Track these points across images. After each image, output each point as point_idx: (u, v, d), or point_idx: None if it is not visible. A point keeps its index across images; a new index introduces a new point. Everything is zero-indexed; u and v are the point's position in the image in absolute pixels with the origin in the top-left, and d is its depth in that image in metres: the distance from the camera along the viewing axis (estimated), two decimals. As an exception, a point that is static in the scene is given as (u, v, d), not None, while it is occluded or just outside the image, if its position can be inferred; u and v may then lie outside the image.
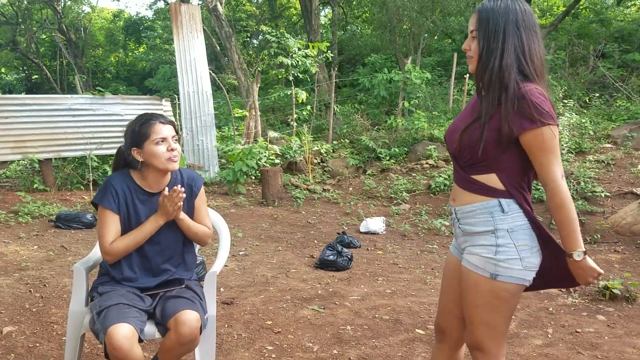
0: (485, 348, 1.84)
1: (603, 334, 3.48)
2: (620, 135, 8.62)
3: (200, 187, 2.40)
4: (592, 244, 5.99)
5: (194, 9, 8.93)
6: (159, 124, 2.19)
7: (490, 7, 1.73)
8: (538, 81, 1.72)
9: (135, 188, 2.26)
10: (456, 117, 1.96)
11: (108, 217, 2.21)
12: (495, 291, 1.77)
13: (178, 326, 2.03)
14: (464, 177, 1.85)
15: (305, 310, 3.73)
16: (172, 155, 2.19)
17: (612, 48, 12.76)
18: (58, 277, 4.13)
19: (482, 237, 1.79)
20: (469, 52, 1.81)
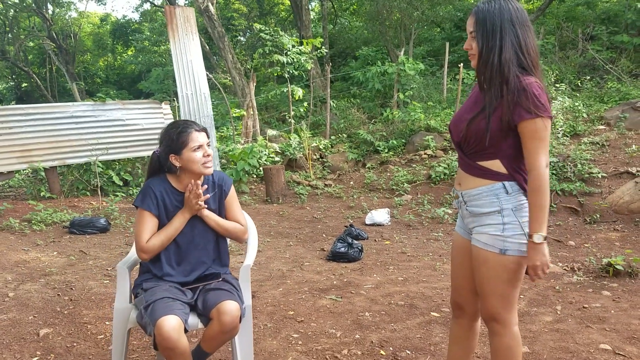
0: (500, 318, 2.03)
1: (609, 308, 3.66)
2: (613, 116, 8.81)
3: (230, 187, 2.55)
4: (591, 224, 6.18)
5: (189, 12, 9.02)
6: (194, 132, 2.35)
7: (486, 9, 1.91)
8: (534, 72, 1.90)
9: (172, 191, 2.42)
10: (460, 108, 2.15)
11: (146, 218, 2.37)
12: (505, 264, 1.96)
13: (220, 316, 2.18)
14: (469, 164, 2.03)
15: (324, 300, 3.89)
16: (207, 160, 2.36)
17: (600, 30, 12.93)
18: (83, 281, 4.27)
19: (489, 217, 1.98)
20: (470, 51, 1.99)
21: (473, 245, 2.05)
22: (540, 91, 1.85)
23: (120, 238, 5.91)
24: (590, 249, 5.27)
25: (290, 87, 10.88)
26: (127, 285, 2.40)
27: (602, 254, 4.95)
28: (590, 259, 4.76)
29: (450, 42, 13.67)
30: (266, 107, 15.36)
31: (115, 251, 5.31)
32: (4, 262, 4.75)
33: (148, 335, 2.22)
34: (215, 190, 2.50)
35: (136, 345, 3.08)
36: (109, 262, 4.87)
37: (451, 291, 2.30)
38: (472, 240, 2.07)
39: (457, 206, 2.16)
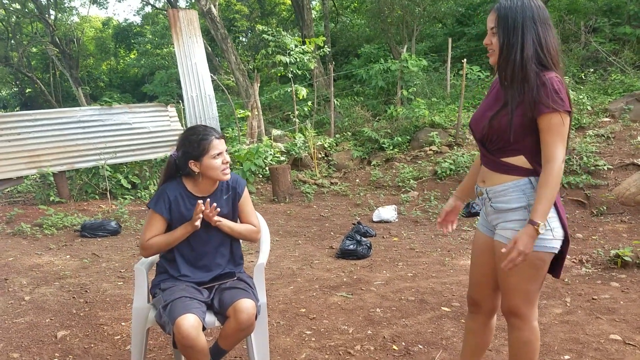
0: (521, 313, 2.04)
1: (618, 299, 3.69)
2: (617, 108, 8.81)
3: (243, 189, 2.59)
4: (598, 216, 6.20)
5: (192, 15, 9.08)
6: (215, 139, 2.40)
7: (508, 6, 1.92)
8: (556, 69, 1.91)
9: (188, 194, 2.46)
10: (480, 106, 2.16)
11: (156, 219, 2.43)
12: (530, 260, 1.95)
13: (237, 314, 2.23)
14: (493, 160, 2.04)
15: (335, 297, 3.94)
16: (225, 167, 2.43)
17: (602, 22, 12.92)
18: (97, 283, 4.33)
19: (515, 212, 1.98)
20: (490, 47, 1.99)
21: (496, 240, 2.05)
22: (561, 86, 1.86)
23: (131, 240, 5.97)
24: (598, 241, 5.30)
25: (294, 86, 10.93)
26: (145, 285, 2.45)
27: (610, 246, 4.97)
28: (598, 251, 4.78)
29: (453, 37, 13.65)
30: (270, 107, 15.42)
31: (127, 253, 5.37)
32: (18, 267, 4.82)
33: (167, 334, 2.27)
34: (229, 193, 2.55)
35: (152, 344, 3.14)
36: (122, 264, 4.93)
37: (469, 287, 2.31)
38: (495, 236, 2.07)
39: (481, 203, 2.16)
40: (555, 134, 1.86)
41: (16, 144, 7.65)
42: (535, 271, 1.98)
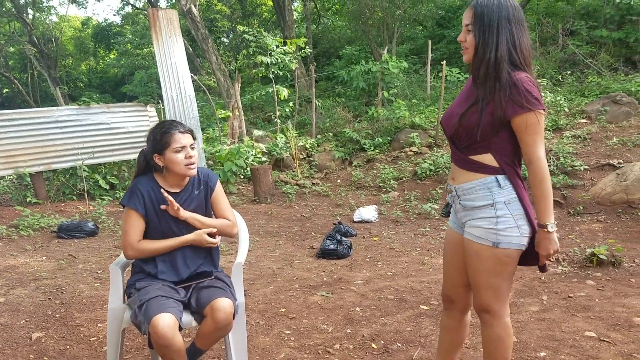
0: (492, 309, 2.07)
1: (594, 297, 3.75)
2: (594, 110, 8.96)
3: (215, 183, 2.57)
4: (575, 215, 6.29)
5: (172, 14, 9.00)
6: (178, 133, 2.37)
7: (485, 4, 1.93)
8: (527, 70, 1.93)
9: (159, 189, 2.44)
10: (452, 103, 2.17)
11: (133, 216, 2.40)
12: (498, 257, 1.99)
13: (214, 312, 2.21)
14: (462, 158, 2.06)
15: (315, 296, 3.93)
16: (189, 162, 2.38)
17: (579, 25, 13.12)
18: (73, 284, 4.26)
19: (482, 210, 2.01)
20: (464, 44, 2.00)
21: (466, 238, 2.08)
22: (532, 85, 1.88)
23: (109, 241, 5.89)
24: (574, 240, 5.38)
25: (275, 87, 10.91)
26: (121, 285, 2.42)
27: (586, 245, 5.05)
28: (574, 249, 4.85)
29: (433, 40, 13.78)
30: (251, 107, 15.37)
31: (105, 254, 5.30)
32: (-7, 268, 4.73)
33: (143, 334, 2.24)
34: (201, 187, 2.52)
35: (129, 346, 3.10)
36: (99, 266, 4.87)
37: (442, 284, 2.33)
38: (464, 234, 2.10)
39: (451, 201, 2.19)
40: (533, 133, 1.89)
41: (-9, 144, 7.51)
42: (503, 267, 2.01)
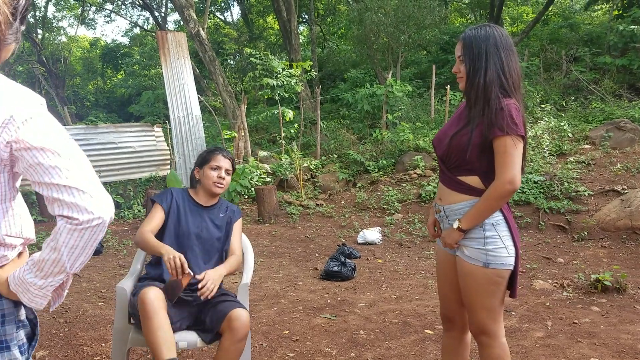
0: (489, 330, 2.10)
1: (599, 323, 3.73)
2: (597, 135, 9.00)
3: (238, 218, 2.79)
4: (579, 241, 6.28)
5: (180, 37, 9.15)
6: (221, 155, 2.67)
7: (473, 35, 2.05)
8: (515, 94, 2.02)
9: (189, 199, 2.68)
10: (444, 126, 2.26)
11: (157, 211, 2.60)
12: (490, 277, 2.04)
13: (232, 322, 2.28)
14: (451, 178, 2.13)
15: (318, 318, 3.93)
16: (219, 181, 2.63)
17: (583, 52, 13.26)
18: (77, 303, 4.27)
19: (471, 231, 2.06)
20: (459, 74, 2.12)
21: (458, 258, 2.13)
22: (517, 112, 1.97)
23: (113, 260, 5.91)
24: (578, 265, 5.36)
25: (280, 109, 11.01)
26: (126, 305, 2.44)
27: (591, 271, 5.04)
28: (579, 275, 4.84)
29: (437, 64, 13.90)
30: (257, 128, 15.46)
31: (109, 273, 5.31)
32: (-3, 286, 4.73)
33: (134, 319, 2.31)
34: (227, 213, 2.73)
35: (133, 366, 3.10)
36: (103, 285, 4.87)
37: (440, 304, 2.36)
38: (457, 253, 2.14)
39: (440, 220, 2.23)
40: (506, 155, 1.96)
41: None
42: (495, 287, 2.06)
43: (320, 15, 23.86)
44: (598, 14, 18.59)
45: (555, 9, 18.89)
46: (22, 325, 1.33)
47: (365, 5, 14.29)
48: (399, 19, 13.47)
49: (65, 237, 1.19)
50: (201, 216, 2.65)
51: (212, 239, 2.64)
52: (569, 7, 19.47)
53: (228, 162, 2.67)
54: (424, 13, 13.62)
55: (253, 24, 25.05)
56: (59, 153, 1.18)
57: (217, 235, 2.66)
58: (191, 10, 14.44)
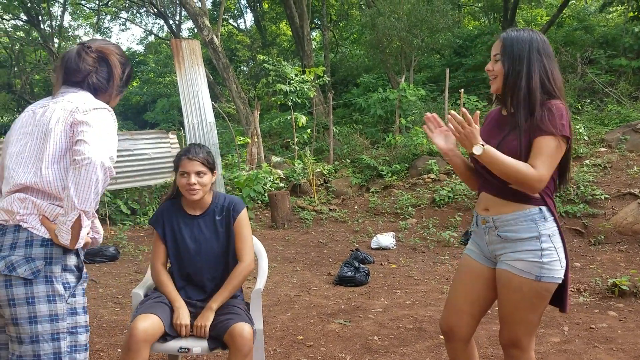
0: (522, 344, 2.04)
1: (616, 328, 3.69)
2: (614, 138, 8.90)
3: (239, 211, 2.56)
4: (596, 245, 6.21)
5: (194, 44, 9.22)
6: (185, 159, 2.45)
7: (515, 36, 1.99)
8: (561, 98, 1.97)
9: (180, 211, 2.58)
10: (484, 132, 2.10)
11: (156, 240, 2.59)
12: (538, 291, 1.96)
13: (234, 339, 2.26)
14: (501, 187, 2.01)
15: (332, 324, 3.93)
16: (188, 187, 2.44)
17: (598, 54, 13.14)
18: (94, 309, 4.32)
19: (526, 242, 1.97)
20: (492, 73, 2.05)
21: (504, 271, 2.02)
22: (564, 112, 1.91)
23: (129, 266, 5.96)
24: (595, 270, 5.30)
25: (293, 114, 11.05)
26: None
27: (608, 275, 4.98)
28: (595, 280, 4.79)
29: (450, 68, 13.88)
30: (270, 134, 15.54)
31: (125, 279, 5.36)
32: (16, 292, 4.81)
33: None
34: (223, 214, 2.56)
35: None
36: (119, 290, 4.92)
37: (444, 312, 2.25)
38: (500, 266, 2.04)
39: (484, 232, 2.11)
40: (546, 154, 1.88)
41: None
42: (540, 301, 1.99)
43: (333, 21, 23.92)
44: (613, 15, 18.41)
45: (570, 11, 18.74)
46: (69, 270, 1.75)
47: (378, 10, 14.30)
48: (411, 23, 13.45)
49: (71, 175, 1.64)
50: (196, 228, 2.53)
51: (213, 250, 2.53)
52: (583, 9, 19.30)
53: (196, 163, 2.43)
54: (437, 17, 13.58)
55: (266, 31, 25.19)
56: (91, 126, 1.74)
57: (216, 244, 2.54)
58: (205, 18, 14.59)
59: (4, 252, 1.69)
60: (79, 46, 1.92)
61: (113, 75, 1.94)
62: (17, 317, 1.67)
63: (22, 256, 1.68)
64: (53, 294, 1.69)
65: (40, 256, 1.69)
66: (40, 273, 1.68)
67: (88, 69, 1.88)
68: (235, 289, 2.50)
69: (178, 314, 2.38)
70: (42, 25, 24.90)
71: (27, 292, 1.67)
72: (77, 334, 1.75)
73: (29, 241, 1.70)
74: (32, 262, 1.67)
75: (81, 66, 1.87)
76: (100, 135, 1.73)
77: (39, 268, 1.68)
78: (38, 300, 1.67)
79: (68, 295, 1.73)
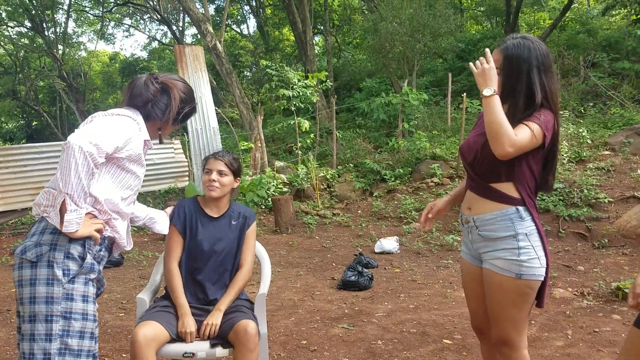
0: (512, 342, 2.08)
1: (620, 331, 3.68)
2: (617, 141, 8.89)
3: (252, 222, 2.73)
4: (599, 248, 6.20)
5: (197, 50, 9.28)
6: (212, 158, 2.64)
7: (515, 53, 2.01)
8: (555, 111, 2.02)
9: (199, 210, 2.66)
10: (471, 132, 2.23)
11: (174, 235, 2.62)
12: (520, 289, 2.01)
13: (239, 335, 2.31)
14: (482, 186, 2.08)
15: (336, 329, 3.93)
16: (209, 183, 2.59)
17: (601, 57, 13.13)
18: (99, 314, 4.31)
19: (504, 241, 2.03)
20: None
21: (486, 269, 2.09)
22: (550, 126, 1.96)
23: (134, 272, 5.98)
24: (599, 273, 5.29)
25: (296, 119, 11.08)
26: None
27: (612, 278, 4.97)
28: (599, 283, 4.78)
29: (453, 72, 13.88)
30: (273, 139, 15.58)
31: (130, 284, 5.38)
32: (21, 298, 4.83)
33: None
34: (239, 220, 2.69)
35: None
36: (124, 296, 4.94)
37: (470, 317, 2.36)
38: (484, 265, 2.11)
39: (467, 231, 2.18)
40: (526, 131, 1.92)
41: (22, 176, 7.75)
42: (524, 299, 2.03)
43: (336, 26, 24.01)
44: (616, 18, 18.41)
45: (572, 15, 18.74)
46: (71, 257, 1.84)
47: (380, 15, 14.35)
48: (414, 27, 13.48)
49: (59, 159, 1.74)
50: (213, 229, 2.63)
51: (226, 251, 2.63)
52: (586, 12, 19.30)
53: (220, 163, 2.60)
54: (439, 21, 13.61)
55: (269, 36, 25.29)
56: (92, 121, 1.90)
57: (230, 246, 2.64)
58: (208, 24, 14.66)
59: (27, 239, 1.87)
60: (148, 75, 2.11)
61: (170, 108, 2.09)
62: (22, 297, 1.82)
63: (34, 242, 1.82)
64: (52, 278, 1.80)
65: (47, 242, 1.82)
66: (44, 257, 1.80)
67: (149, 97, 2.06)
68: (239, 292, 2.60)
69: (183, 321, 2.42)
70: (47, 32, 25.05)
71: (32, 274, 1.80)
72: (70, 319, 1.82)
73: (44, 229, 1.84)
74: (39, 247, 1.81)
75: (144, 93, 2.05)
76: (94, 127, 1.85)
77: (43, 252, 1.80)
78: (39, 282, 1.79)
79: (66, 281, 1.81)
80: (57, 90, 26.28)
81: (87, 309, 1.87)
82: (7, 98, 25.79)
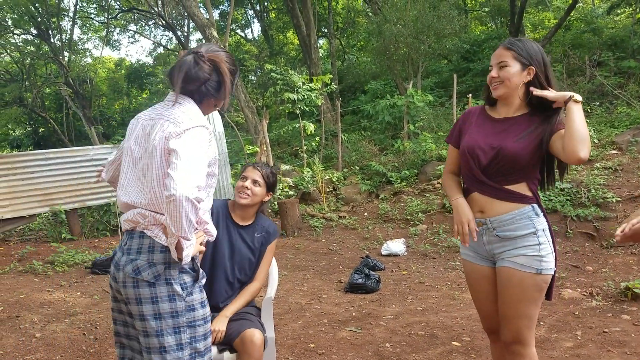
0: (524, 339, 2.11)
1: (629, 332, 3.65)
2: (624, 141, 8.83)
3: (274, 238, 2.78)
4: (608, 248, 6.16)
5: (202, 54, 9.31)
6: (251, 167, 2.71)
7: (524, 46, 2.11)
8: None
9: (227, 215, 2.69)
10: (475, 135, 2.20)
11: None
12: (538, 284, 2.07)
13: (245, 345, 2.30)
14: (495, 188, 2.12)
15: (344, 331, 3.93)
16: (242, 190, 2.63)
17: (606, 56, 13.06)
18: (107, 320, 4.35)
19: (525, 239, 2.08)
20: (496, 79, 2.13)
21: (505, 268, 2.11)
22: None
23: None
24: (608, 273, 5.26)
25: (302, 122, 11.08)
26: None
27: (620, 278, 4.94)
28: (608, 283, 4.75)
29: (458, 73, 13.87)
30: (278, 142, 15.59)
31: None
32: (30, 304, 4.86)
33: None
34: (262, 234, 2.72)
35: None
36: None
37: (481, 319, 2.36)
38: (502, 264, 2.13)
39: (481, 233, 2.18)
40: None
41: (29, 183, 7.80)
42: (540, 294, 2.09)
43: (340, 29, 24.02)
44: (621, 17, 18.31)
45: (577, 14, 18.66)
46: (185, 271, 1.92)
47: (384, 17, 14.34)
48: (418, 29, 13.46)
49: (165, 207, 1.74)
50: (236, 236, 2.66)
51: (244, 261, 2.65)
52: (591, 11, 19.22)
53: (257, 173, 2.65)
54: (444, 23, 13.59)
55: (273, 40, 25.34)
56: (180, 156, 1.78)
57: (249, 257, 2.66)
58: (212, 29, 14.70)
59: (132, 255, 1.89)
60: (193, 54, 1.95)
61: (224, 84, 1.99)
62: (144, 314, 1.86)
63: (145, 261, 1.87)
64: (173, 294, 1.87)
65: (160, 261, 1.88)
66: (161, 276, 1.87)
67: (205, 77, 1.94)
68: (247, 303, 2.60)
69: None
70: (52, 39, 25.20)
71: (152, 293, 1.86)
72: (195, 327, 1.93)
73: (151, 247, 1.89)
74: (154, 267, 1.87)
75: (200, 75, 1.93)
76: (189, 165, 1.78)
77: (160, 272, 1.87)
78: (161, 299, 1.86)
79: (186, 295, 1.90)
80: (64, 96, 26.39)
81: (206, 313, 1.98)
82: (14, 105, 25.92)
